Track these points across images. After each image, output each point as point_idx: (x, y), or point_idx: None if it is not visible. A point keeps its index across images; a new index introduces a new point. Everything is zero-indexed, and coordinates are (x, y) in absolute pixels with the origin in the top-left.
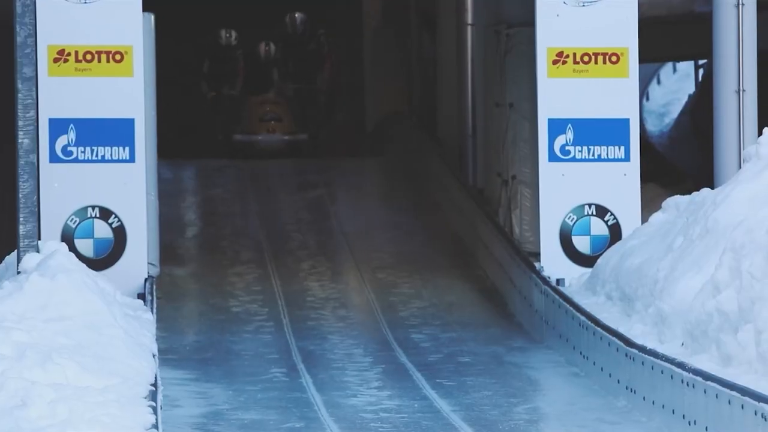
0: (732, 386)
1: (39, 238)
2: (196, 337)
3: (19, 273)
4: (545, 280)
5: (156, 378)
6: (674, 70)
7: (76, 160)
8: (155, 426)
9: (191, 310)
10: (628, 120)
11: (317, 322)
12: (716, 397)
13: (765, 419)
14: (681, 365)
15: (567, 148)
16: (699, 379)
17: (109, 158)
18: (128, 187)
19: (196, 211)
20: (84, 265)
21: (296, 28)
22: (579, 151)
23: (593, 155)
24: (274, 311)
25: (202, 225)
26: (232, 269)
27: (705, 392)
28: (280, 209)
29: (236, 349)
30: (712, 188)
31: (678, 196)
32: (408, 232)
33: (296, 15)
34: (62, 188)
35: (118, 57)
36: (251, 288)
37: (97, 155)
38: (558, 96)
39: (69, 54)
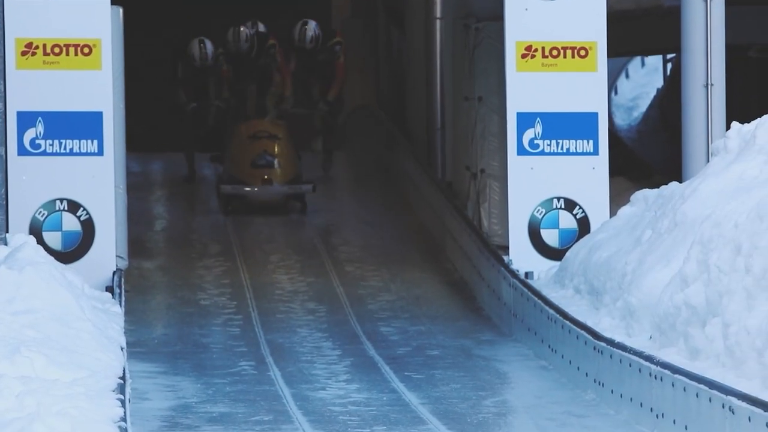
0: (700, 379)
1: (7, 231)
2: (164, 330)
3: None
4: (514, 274)
5: (124, 371)
6: (643, 64)
7: (44, 153)
8: (123, 419)
9: (159, 303)
10: (596, 114)
11: (286, 315)
12: (684, 390)
13: (732, 412)
14: (649, 358)
15: (536, 141)
16: (667, 372)
17: (78, 151)
18: (97, 180)
19: (164, 204)
20: (52, 258)
21: (305, 41)
22: (548, 144)
23: (562, 149)
24: (242, 304)
25: (171, 218)
26: (200, 262)
27: (673, 385)
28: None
29: (205, 342)
30: (681, 182)
31: (646, 189)
32: (376, 226)
33: (308, 24)
34: (30, 181)
35: (86, 50)
36: (220, 281)
37: (65, 148)
38: (527, 90)
39: (37, 47)
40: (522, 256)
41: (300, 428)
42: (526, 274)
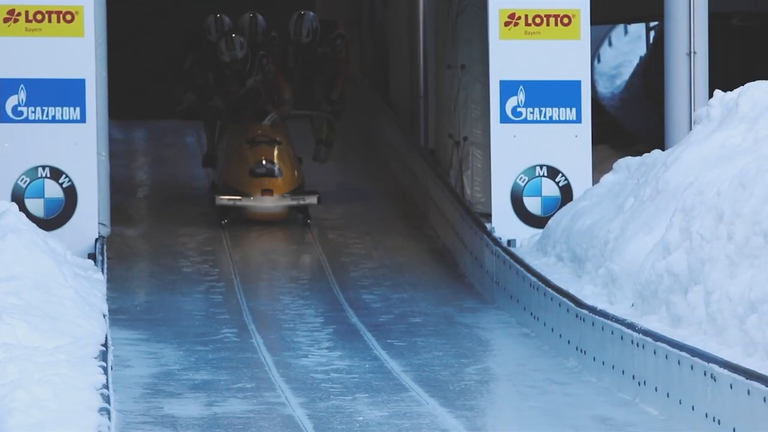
0: (682, 347)
1: None
2: (146, 297)
3: None
4: (496, 241)
5: (106, 338)
6: (625, 32)
7: (26, 120)
8: (106, 386)
9: (142, 271)
10: (579, 82)
11: (268, 282)
12: (666, 357)
13: (714, 379)
14: (631, 326)
15: (518, 109)
16: (649, 339)
17: (60, 118)
18: (79, 147)
19: (147, 172)
20: (34, 225)
21: (301, 34)
22: (530, 112)
23: (545, 117)
24: (225, 272)
25: (153, 186)
26: (183, 230)
27: (655, 353)
28: None
29: (187, 310)
30: (663, 150)
31: (629, 157)
32: (359, 194)
33: (304, 16)
34: (12, 148)
35: (68, 17)
36: (202, 248)
37: (47, 115)
38: (510, 58)
39: (19, 14)
40: (504, 223)
41: (282, 395)
42: (509, 241)
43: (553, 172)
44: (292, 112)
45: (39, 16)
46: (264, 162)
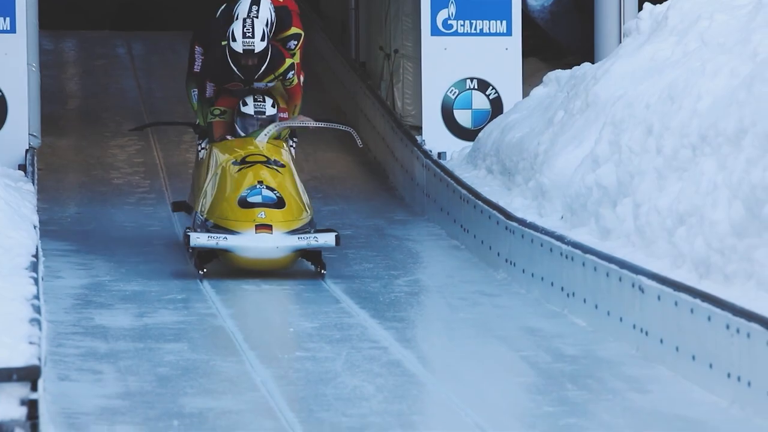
0: (610, 259)
1: None
2: (77, 208)
3: None
4: (427, 154)
5: (37, 249)
6: None
7: None
8: (36, 297)
9: (72, 182)
10: None
11: None
12: (594, 269)
13: (642, 291)
14: (560, 238)
15: (449, 22)
16: (578, 252)
17: None
18: (9, 57)
19: (78, 83)
20: None
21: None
22: (461, 25)
23: (475, 29)
24: (156, 183)
25: (84, 96)
26: (114, 141)
27: (583, 265)
28: (162, 82)
29: (118, 221)
30: (593, 63)
31: (559, 70)
32: None
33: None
34: None
35: None
36: (133, 160)
37: None
38: None
39: None
40: (435, 136)
41: (213, 307)
42: (439, 154)
43: (483, 85)
44: (302, 124)
45: None
46: (259, 187)
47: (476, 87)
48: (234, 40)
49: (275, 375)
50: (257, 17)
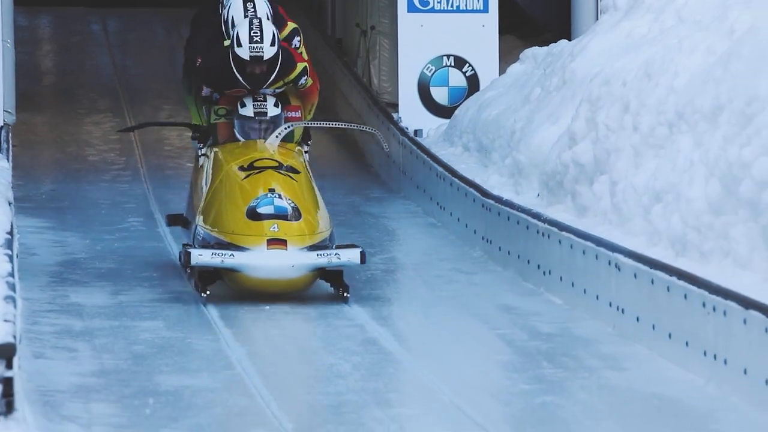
0: (587, 236)
1: None
2: (52, 185)
3: None
4: (403, 131)
5: (12, 226)
6: None
7: None
8: (11, 274)
9: (47, 159)
10: None
11: (175, 171)
12: (571, 247)
13: (618, 269)
14: (537, 216)
15: None
16: (554, 229)
17: None
18: None
19: (52, 60)
20: None
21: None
22: (438, 2)
23: (452, 6)
24: (131, 160)
25: (59, 73)
26: (89, 118)
27: (560, 242)
28: (137, 59)
29: (93, 198)
30: (570, 40)
31: (536, 47)
32: None
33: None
34: None
35: None
36: (108, 137)
37: None
38: None
39: None
40: (411, 113)
41: (188, 284)
42: (416, 131)
43: (460, 62)
44: (319, 125)
45: None
46: (270, 196)
47: (453, 64)
48: (239, 45)
49: (251, 353)
50: (257, 16)
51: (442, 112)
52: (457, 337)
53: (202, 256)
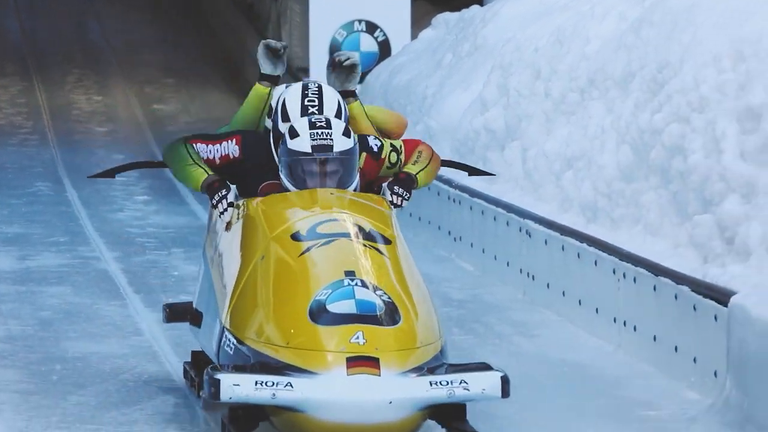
0: (498, 203)
1: None
2: None
3: None
4: None
5: None
6: None
7: None
8: None
9: None
10: None
11: (84, 136)
12: (482, 213)
13: (529, 235)
14: (448, 182)
15: None
16: (465, 195)
17: None
18: None
19: None
20: None
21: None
22: None
23: None
24: (38, 124)
25: None
26: None
27: (471, 209)
28: (44, 23)
29: None
30: (482, 5)
31: (447, 13)
32: (176, 47)
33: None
34: None
35: None
36: (15, 100)
37: None
38: None
39: None
40: (322, 78)
41: (97, 249)
42: None
43: (371, 27)
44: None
45: None
46: (349, 284)
47: (364, 29)
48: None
49: (159, 319)
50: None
51: None
52: None
53: (241, 389)
